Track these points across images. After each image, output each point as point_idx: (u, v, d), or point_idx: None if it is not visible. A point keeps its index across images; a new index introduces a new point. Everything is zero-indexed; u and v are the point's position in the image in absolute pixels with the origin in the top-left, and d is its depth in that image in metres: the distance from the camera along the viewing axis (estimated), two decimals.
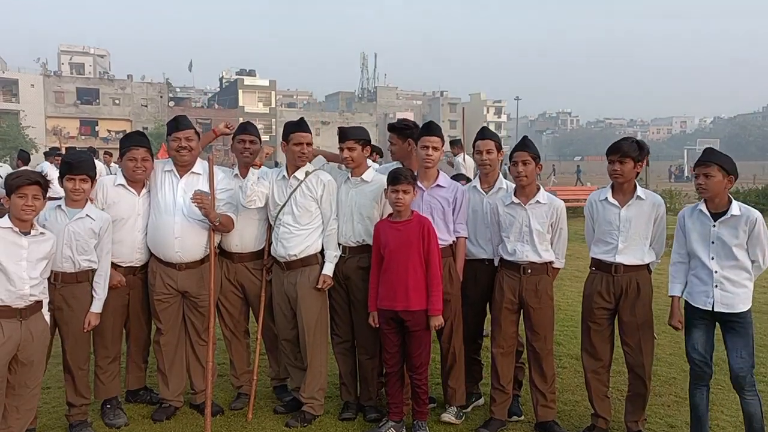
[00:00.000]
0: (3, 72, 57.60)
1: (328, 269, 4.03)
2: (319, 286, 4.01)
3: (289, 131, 4.10)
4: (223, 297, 4.26)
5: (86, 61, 67.01)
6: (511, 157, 3.92)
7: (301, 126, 4.09)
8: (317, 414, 4.09)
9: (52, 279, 3.61)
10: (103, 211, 3.87)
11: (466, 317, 4.16)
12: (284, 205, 4.05)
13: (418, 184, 3.96)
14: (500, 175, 4.24)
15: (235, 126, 4.51)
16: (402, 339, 3.86)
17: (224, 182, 4.14)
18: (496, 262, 4.10)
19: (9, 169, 10.37)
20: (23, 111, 54.48)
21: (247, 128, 4.33)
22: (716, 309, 3.47)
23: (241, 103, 67.25)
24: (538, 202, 3.91)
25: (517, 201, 3.93)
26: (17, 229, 3.25)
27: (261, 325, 4.24)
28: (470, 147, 4.31)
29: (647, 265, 3.79)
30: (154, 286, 4.05)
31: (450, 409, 4.10)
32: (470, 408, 4.30)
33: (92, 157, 4.10)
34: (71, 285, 3.68)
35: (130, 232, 3.99)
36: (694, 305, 3.57)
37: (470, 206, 4.16)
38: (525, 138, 4.08)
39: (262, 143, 4.37)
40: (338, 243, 4.10)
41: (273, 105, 70.14)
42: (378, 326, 3.87)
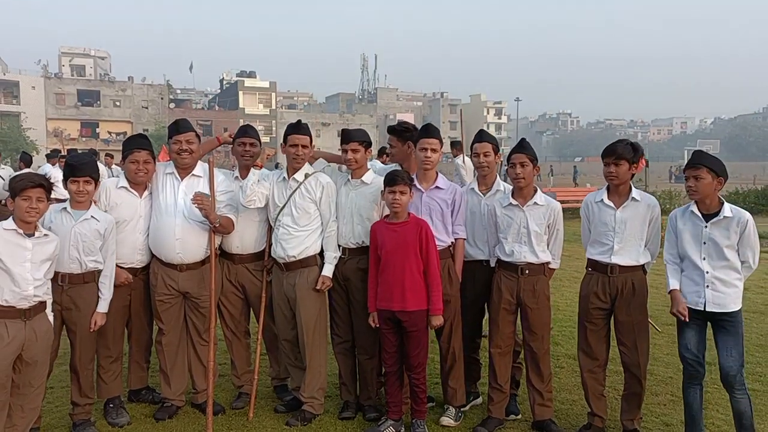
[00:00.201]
0: (4, 74, 57.57)
1: (328, 270, 4.07)
2: (318, 287, 4.04)
3: (286, 133, 4.15)
4: (224, 298, 4.30)
5: (87, 63, 66.90)
6: (509, 159, 3.96)
7: (297, 128, 4.12)
8: (317, 413, 4.13)
9: (60, 280, 3.66)
10: (106, 213, 3.92)
11: (464, 317, 4.19)
12: (284, 207, 4.09)
13: (416, 186, 4.02)
14: (498, 177, 4.28)
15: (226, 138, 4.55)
16: (400, 339, 3.89)
17: (224, 184, 4.18)
18: (493, 263, 4.13)
19: (11, 171, 10.37)
20: (24, 113, 54.49)
21: (247, 131, 4.37)
22: (708, 309, 3.51)
23: (241, 105, 67.23)
24: (535, 203, 3.95)
25: (515, 202, 3.96)
26: (21, 231, 3.29)
27: (261, 325, 4.28)
28: (470, 149, 4.34)
29: (643, 265, 3.83)
30: (155, 287, 4.09)
31: (449, 411, 4.13)
32: (468, 407, 4.33)
33: (95, 158, 4.14)
34: (78, 286, 3.73)
35: (131, 233, 4.03)
36: (686, 305, 3.61)
37: (468, 208, 4.19)
38: (523, 140, 4.12)
39: (263, 145, 4.42)
40: (338, 244, 4.13)
41: (273, 106, 70.12)
42: (378, 326, 3.91)
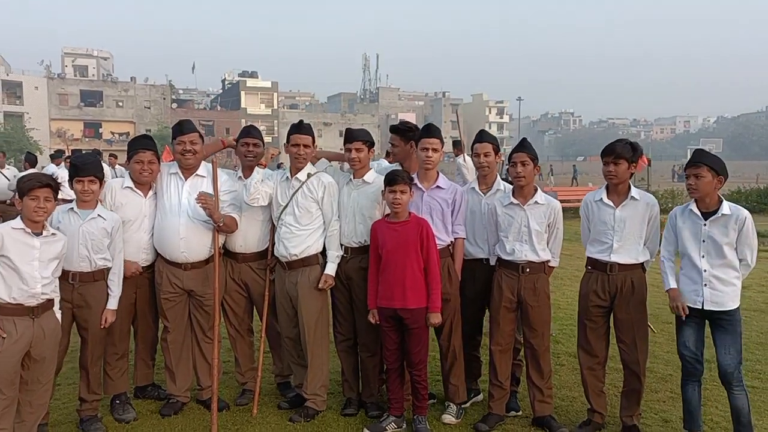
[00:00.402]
0: (7, 74, 57.72)
1: (330, 269, 4.11)
2: (320, 286, 4.09)
3: (289, 133, 4.20)
4: (227, 296, 4.35)
5: (89, 64, 66.99)
6: (510, 158, 4.01)
7: (299, 128, 4.17)
8: (320, 409, 4.17)
9: (70, 279, 3.72)
10: (112, 212, 3.98)
11: (464, 316, 4.24)
12: (286, 206, 4.14)
13: (417, 185, 4.06)
14: (498, 177, 4.32)
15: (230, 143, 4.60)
16: (401, 337, 3.94)
17: (228, 184, 4.23)
18: (493, 262, 4.17)
19: (16, 171, 10.44)
20: (27, 113, 54.70)
21: (251, 131, 4.43)
22: (706, 307, 3.55)
23: (243, 105, 67.30)
24: (536, 202, 3.99)
25: (515, 201, 4.00)
26: (29, 230, 3.35)
27: (265, 323, 4.33)
28: (470, 148, 4.38)
29: (642, 264, 3.88)
30: (160, 285, 4.15)
31: (450, 408, 4.16)
32: (469, 403, 4.38)
33: (99, 158, 4.20)
34: (89, 284, 3.79)
35: (136, 232, 4.09)
36: (687, 305, 3.65)
37: (469, 207, 4.23)
38: (524, 140, 4.17)
39: (265, 145, 4.48)
40: (340, 243, 4.17)
41: (275, 106, 70.21)
42: (378, 323, 3.96)
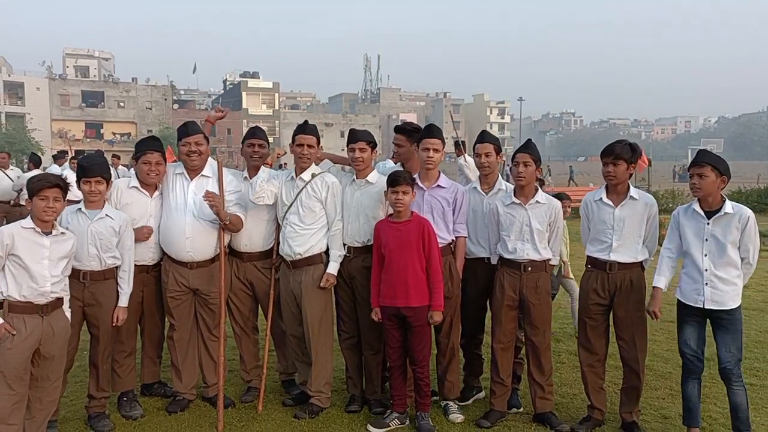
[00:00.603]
0: (9, 75, 57.84)
1: (333, 268, 4.17)
2: (322, 284, 4.14)
3: (294, 133, 4.27)
4: (233, 295, 4.41)
5: (91, 64, 67.06)
6: (513, 158, 4.07)
7: (304, 128, 4.24)
8: (324, 406, 4.23)
9: (81, 278, 3.78)
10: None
11: (466, 314, 4.30)
12: (291, 206, 4.20)
13: (419, 185, 4.12)
14: (499, 177, 4.37)
15: (224, 109, 4.61)
16: (404, 335, 4.00)
17: (233, 184, 4.29)
18: (494, 261, 4.23)
19: (20, 172, 10.49)
20: (29, 114, 54.82)
21: (256, 132, 4.51)
22: (707, 306, 3.60)
23: (244, 105, 67.35)
24: (537, 202, 4.05)
25: (517, 201, 4.05)
26: (39, 230, 3.41)
27: (270, 321, 4.39)
28: (472, 149, 4.43)
29: (641, 262, 3.93)
30: (167, 284, 4.21)
31: (452, 407, 4.22)
32: (471, 401, 4.44)
33: (106, 159, 4.26)
34: (99, 282, 3.85)
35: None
36: (686, 303, 3.72)
37: (470, 206, 4.29)
38: (529, 141, 4.23)
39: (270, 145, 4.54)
40: (343, 243, 4.22)
41: (276, 107, 70.30)
42: (381, 321, 4.02)
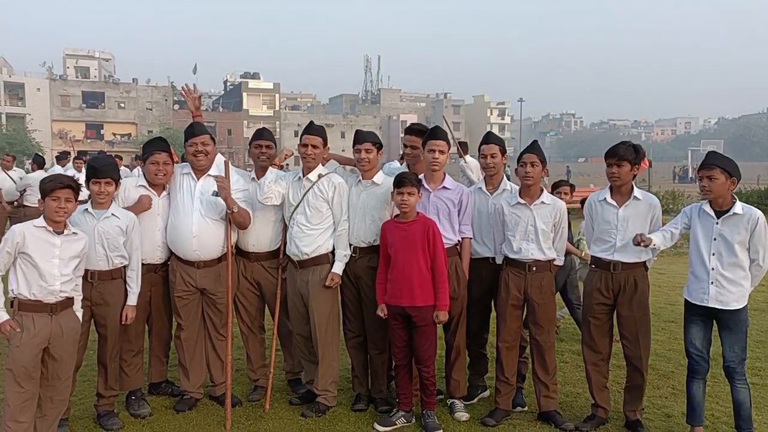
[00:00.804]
0: (9, 76, 57.97)
1: (338, 268, 4.21)
2: (327, 284, 4.18)
3: (301, 134, 4.32)
4: (240, 294, 4.45)
5: (91, 65, 67.16)
6: (519, 159, 4.11)
7: (309, 129, 4.30)
8: (331, 405, 4.27)
9: (89, 277, 3.82)
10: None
11: (471, 313, 4.34)
12: (297, 206, 4.24)
13: (424, 186, 4.15)
14: (504, 177, 4.41)
15: (193, 89, 4.55)
16: (409, 334, 4.03)
17: (240, 183, 4.33)
18: (499, 261, 4.27)
19: (22, 173, 10.55)
20: (29, 115, 54.96)
21: (263, 134, 4.56)
22: (710, 305, 3.64)
23: (245, 106, 67.45)
24: (542, 202, 4.09)
25: (522, 201, 4.10)
26: (51, 229, 3.46)
27: (277, 321, 4.43)
28: (478, 150, 4.47)
29: (644, 262, 3.97)
30: (174, 284, 4.25)
31: (458, 405, 4.26)
32: (476, 399, 4.48)
33: (115, 160, 4.31)
34: (107, 282, 3.89)
35: (150, 230, 4.18)
36: (692, 302, 3.75)
37: (475, 207, 4.32)
38: (535, 142, 4.28)
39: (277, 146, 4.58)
40: (349, 243, 4.26)
41: (277, 108, 70.40)
42: (386, 318, 4.05)
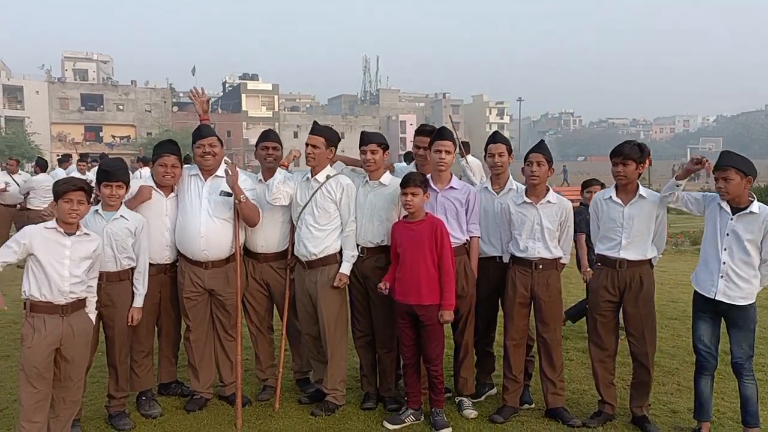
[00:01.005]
0: (8, 79, 57.90)
1: (345, 268, 4.24)
2: (335, 284, 4.22)
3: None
4: (248, 295, 4.49)
5: (89, 67, 67.05)
6: (526, 158, 4.15)
7: (312, 129, 4.36)
8: (340, 404, 4.31)
9: (97, 278, 3.84)
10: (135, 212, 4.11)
11: (478, 312, 4.37)
12: (305, 206, 4.28)
13: (432, 186, 4.19)
14: (510, 177, 4.45)
15: (198, 92, 4.64)
16: (417, 333, 4.07)
17: (247, 183, 4.36)
18: (506, 260, 4.31)
19: (28, 176, 10.64)
20: (28, 118, 54.87)
21: (270, 135, 4.60)
22: (717, 298, 3.68)
23: (244, 108, 67.46)
24: (548, 201, 4.13)
25: (528, 200, 4.13)
26: (62, 230, 3.50)
27: (286, 321, 4.46)
28: (484, 149, 4.49)
29: (650, 260, 4.01)
30: (182, 285, 4.29)
31: (466, 403, 4.29)
32: (483, 397, 4.52)
33: (126, 164, 4.34)
34: (115, 283, 3.93)
35: (158, 230, 4.22)
36: (700, 292, 3.79)
37: (482, 206, 4.36)
38: (542, 141, 4.32)
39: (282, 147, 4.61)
40: (357, 244, 4.30)
41: (276, 109, 70.41)
42: (389, 291, 4.06)
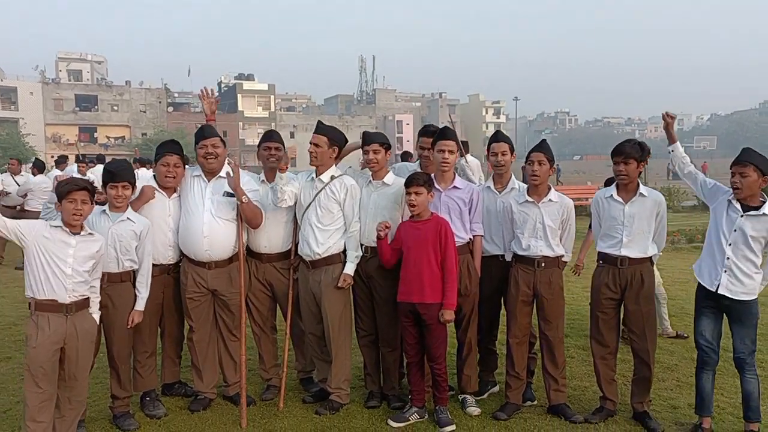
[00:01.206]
0: (2, 80, 57.76)
1: (349, 269, 4.26)
2: (339, 284, 4.24)
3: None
4: (252, 295, 4.50)
5: (84, 68, 66.95)
6: (527, 157, 4.18)
7: (316, 129, 4.38)
8: (344, 402, 4.33)
9: None
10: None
11: (481, 311, 4.40)
12: (309, 206, 4.30)
13: (435, 186, 4.21)
14: (512, 176, 4.48)
15: (209, 94, 4.67)
16: (420, 332, 4.10)
17: (249, 184, 4.38)
18: (509, 258, 4.34)
19: (29, 177, 10.63)
20: (23, 119, 54.68)
21: (272, 136, 4.62)
22: (719, 291, 3.72)
23: (240, 108, 67.41)
24: (550, 200, 4.17)
25: (530, 199, 4.17)
26: (67, 229, 3.51)
27: (290, 321, 4.48)
28: (486, 149, 4.52)
29: (650, 257, 4.05)
30: (185, 285, 4.30)
31: (469, 401, 4.33)
32: (486, 395, 4.55)
33: (131, 165, 4.36)
34: (116, 284, 3.95)
35: (161, 231, 4.24)
36: (703, 284, 3.82)
37: (484, 205, 4.38)
38: (543, 141, 4.36)
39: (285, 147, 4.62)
40: (360, 243, 4.31)
41: (272, 109, 70.36)
42: (385, 234, 4.06)
